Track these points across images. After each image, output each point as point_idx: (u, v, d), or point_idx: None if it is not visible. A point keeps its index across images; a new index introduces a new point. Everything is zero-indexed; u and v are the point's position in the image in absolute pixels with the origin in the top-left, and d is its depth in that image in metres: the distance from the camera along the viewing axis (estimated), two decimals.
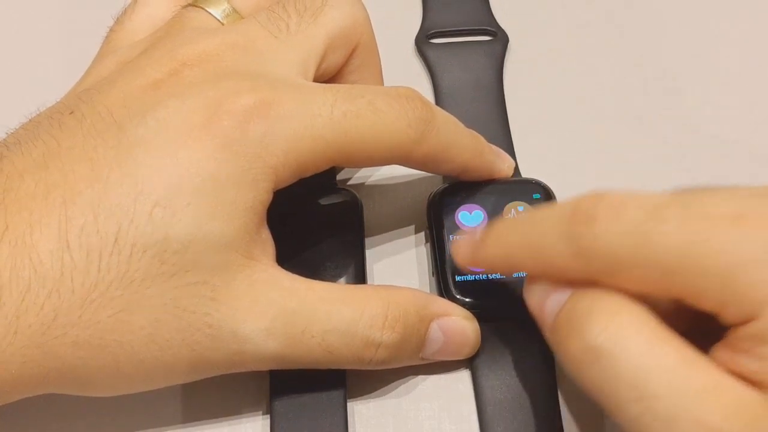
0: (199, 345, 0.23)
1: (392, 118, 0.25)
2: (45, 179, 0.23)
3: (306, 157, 0.24)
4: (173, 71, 0.25)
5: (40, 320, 0.21)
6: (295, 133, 0.24)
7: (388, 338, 0.25)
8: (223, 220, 0.23)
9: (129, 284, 0.22)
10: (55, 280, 0.21)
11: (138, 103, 0.24)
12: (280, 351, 0.24)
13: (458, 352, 0.27)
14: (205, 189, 0.23)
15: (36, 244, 0.22)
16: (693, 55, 0.36)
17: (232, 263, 0.23)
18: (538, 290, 0.23)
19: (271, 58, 0.26)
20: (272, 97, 0.24)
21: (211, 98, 0.24)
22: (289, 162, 0.24)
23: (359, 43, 0.28)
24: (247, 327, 0.23)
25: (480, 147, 0.29)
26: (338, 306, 0.24)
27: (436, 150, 0.26)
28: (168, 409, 0.27)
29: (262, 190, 0.24)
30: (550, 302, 0.23)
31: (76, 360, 0.22)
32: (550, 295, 0.23)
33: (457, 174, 0.29)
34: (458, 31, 0.36)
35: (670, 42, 0.37)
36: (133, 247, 0.22)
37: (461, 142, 0.28)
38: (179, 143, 0.23)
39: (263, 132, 0.23)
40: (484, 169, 0.29)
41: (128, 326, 0.22)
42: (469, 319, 0.27)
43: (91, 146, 0.23)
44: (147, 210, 0.22)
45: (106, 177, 0.22)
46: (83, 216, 0.22)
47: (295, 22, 0.27)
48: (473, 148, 0.28)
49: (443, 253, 0.28)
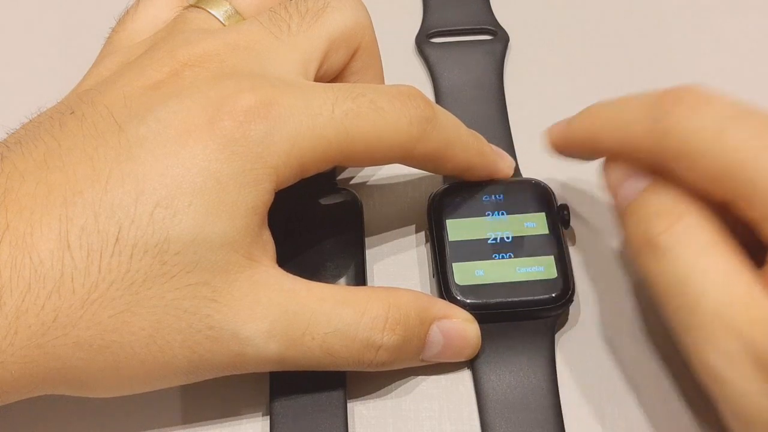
0: (200, 346, 0.23)
1: (394, 117, 0.25)
2: (46, 179, 0.22)
3: (307, 156, 0.24)
4: (174, 72, 0.25)
5: (41, 320, 0.21)
6: (296, 133, 0.24)
7: (388, 340, 0.25)
8: (224, 220, 0.23)
9: (130, 285, 0.22)
10: (55, 280, 0.21)
11: (138, 103, 0.24)
12: (281, 353, 0.24)
13: (459, 354, 0.27)
14: (207, 189, 0.23)
15: (36, 244, 0.22)
16: (694, 55, 0.36)
17: (233, 264, 0.23)
18: (618, 171, 0.26)
19: (272, 59, 0.26)
20: (273, 96, 0.24)
21: (212, 98, 0.24)
22: (291, 162, 0.24)
23: (361, 45, 0.28)
24: (248, 329, 0.23)
25: (481, 146, 0.29)
26: (339, 308, 0.24)
27: (438, 148, 0.26)
28: (168, 410, 0.27)
29: (263, 190, 0.24)
30: (627, 186, 0.25)
31: (76, 361, 0.22)
32: (628, 179, 0.25)
33: (458, 173, 0.29)
34: (458, 30, 0.36)
35: (671, 41, 0.37)
36: (134, 247, 0.22)
37: (462, 140, 0.28)
38: (180, 143, 0.23)
39: (264, 132, 0.23)
40: (485, 168, 0.29)
41: (129, 327, 0.22)
42: (470, 321, 0.27)
43: (92, 146, 0.23)
44: (148, 210, 0.22)
45: (107, 177, 0.22)
46: (84, 216, 0.22)
47: (296, 23, 0.26)
48: (474, 147, 0.28)
49: (444, 254, 0.28)
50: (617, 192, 0.26)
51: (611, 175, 0.26)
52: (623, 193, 0.25)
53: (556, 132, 0.28)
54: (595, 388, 0.28)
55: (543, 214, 0.29)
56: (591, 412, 0.27)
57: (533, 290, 0.27)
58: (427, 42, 0.36)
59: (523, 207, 0.29)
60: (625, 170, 0.25)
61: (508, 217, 0.29)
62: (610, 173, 0.26)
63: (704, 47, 0.37)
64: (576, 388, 0.28)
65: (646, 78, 0.35)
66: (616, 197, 0.26)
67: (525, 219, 0.29)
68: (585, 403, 0.27)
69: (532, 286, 0.27)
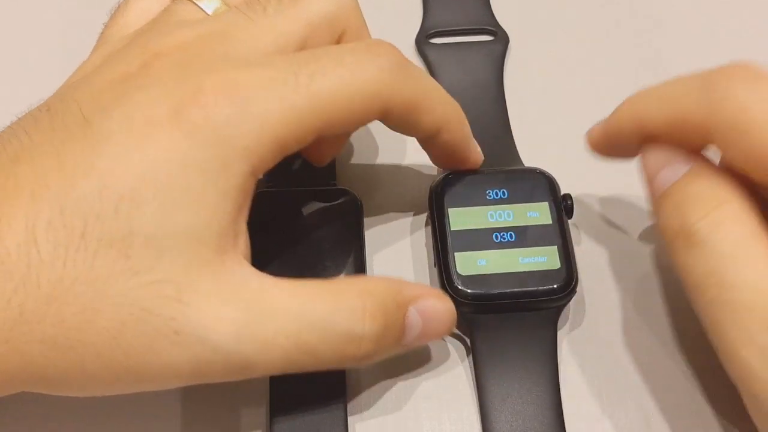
0: (166, 352, 0.22)
1: (362, 67, 0.24)
2: (15, 173, 0.22)
3: (282, 131, 0.23)
4: (144, 63, 0.24)
5: (7, 315, 0.21)
6: (263, 109, 0.23)
7: (369, 330, 0.23)
8: (190, 210, 0.22)
9: (94, 281, 0.21)
10: (21, 274, 0.21)
11: (106, 96, 0.24)
12: (255, 357, 0.22)
13: (437, 333, 0.26)
14: (172, 179, 0.22)
15: (4, 238, 0.21)
16: (694, 55, 0.36)
17: (199, 258, 0.22)
18: (657, 155, 0.25)
19: (243, 40, 0.25)
20: (235, 77, 0.23)
21: (175, 87, 0.23)
22: (264, 139, 0.23)
23: (346, 30, 0.27)
24: (216, 333, 0.22)
25: (459, 109, 0.28)
26: (311, 302, 0.23)
27: (415, 94, 0.25)
28: (167, 410, 0.27)
29: (234, 174, 0.23)
30: (666, 172, 0.24)
31: (42, 359, 0.21)
32: (668, 164, 0.24)
33: (434, 133, 0.27)
34: (458, 30, 0.36)
35: (671, 40, 0.37)
36: (99, 241, 0.21)
37: (440, 93, 0.27)
38: (144, 134, 0.22)
39: (229, 114, 0.23)
40: (462, 133, 0.28)
41: (92, 326, 0.21)
42: (443, 298, 0.26)
43: (59, 140, 0.23)
44: (113, 204, 0.21)
45: (72, 171, 0.22)
46: (50, 210, 0.21)
47: (273, 6, 0.26)
48: (453, 104, 0.28)
49: (445, 244, 0.28)
50: (654, 178, 0.25)
51: (650, 159, 0.25)
52: (661, 178, 0.24)
53: (597, 130, 0.27)
54: (597, 382, 0.28)
55: (546, 203, 0.29)
56: (592, 407, 0.27)
57: (536, 280, 0.27)
58: (426, 42, 0.36)
59: (526, 196, 0.29)
60: (666, 155, 0.25)
61: (511, 207, 0.29)
62: (648, 158, 0.25)
63: (705, 45, 0.37)
64: (577, 382, 0.28)
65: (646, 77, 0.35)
66: (651, 184, 0.25)
67: (528, 208, 0.28)
68: (586, 398, 0.27)
69: (534, 277, 0.27)
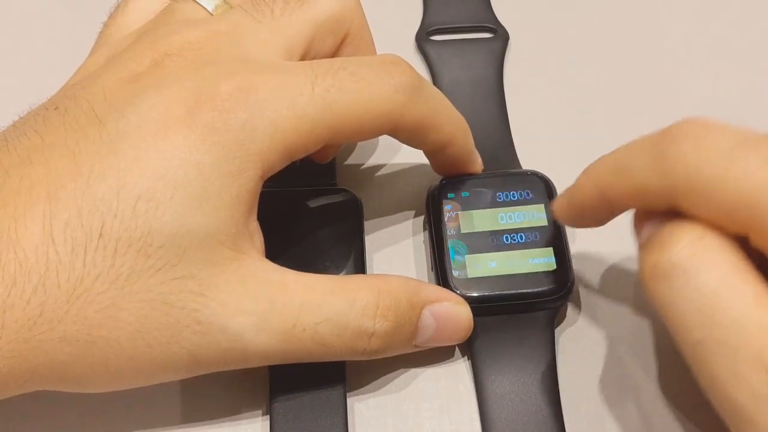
0: (188, 342, 0.23)
1: (378, 86, 0.25)
2: (29, 175, 0.22)
3: (293, 138, 0.24)
4: (154, 63, 0.25)
5: (27, 315, 0.21)
6: (278, 116, 0.23)
7: (380, 327, 0.24)
8: (208, 211, 0.23)
9: (115, 279, 0.22)
10: (40, 275, 0.21)
11: (118, 96, 0.24)
12: (272, 346, 0.23)
13: (451, 337, 0.27)
14: (189, 181, 0.22)
15: (21, 239, 0.21)
16: (694, 52, 0.36)
17: (218, 256, 0.23)
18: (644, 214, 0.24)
19: (253, 43, 0.25)
20: (252, 81, 0.23)
21: (190, 88, 0.23)
22: (276, 146, 0.23)
23: (350, 32, 0.27)
24: (237, 323, 0.23)
25: (465, 124, 0.28)
26: (329, 297, 0.24)
27: (425, 116, 0.26)
28: (167, 409, 0.27)
29: (248, 178, 0.23)
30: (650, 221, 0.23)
31: (64, 356, 0.22)
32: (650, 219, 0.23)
33: (440, 148, 0.28)
34: (458, 28, 0.36)
35: (671, 38, 0.37)
36: (118, 241, 0.22)
37: (449, 111, 0.27)
38: (160, 135, 0.23)
39: (245, 119, 0.23)
40: (466, 148, 0.28)
41: (115, 322, 0.22)
42: (461, 303, 0.27)
43: (73, 141, 0.23)
44: (130, 204, 0.22)
45: (89, 171, 0.22)
46: (67, 210, 0.22)
47: (279, 8, 0.26)
48: (460, 120, 0.28)
49: (442, 247, 0.28)
50: (640, 231, 0.24)
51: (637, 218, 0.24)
52: (646, 228, 0.23)
53: (561, 203, 0.26)
54: (595, 383, 0.28)
55: (542, 205, 0.29)
56: (591, 408, 0.27)
57: (533, 282, 0.27)
58: (427, 39, 0.36)
59: (523, 198, 0.29)
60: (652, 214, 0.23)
61: (508, 209, 0.29)
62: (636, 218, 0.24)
63: (704, 46, 0.36)
64: (576, 383, 0.27)
65: (646, 74, 0.35)
66: (638, 236, 0.24)
67: (524, 210, 0.29)
68: (585, 399, 0.27)
69: (531, 278, 0.27)
